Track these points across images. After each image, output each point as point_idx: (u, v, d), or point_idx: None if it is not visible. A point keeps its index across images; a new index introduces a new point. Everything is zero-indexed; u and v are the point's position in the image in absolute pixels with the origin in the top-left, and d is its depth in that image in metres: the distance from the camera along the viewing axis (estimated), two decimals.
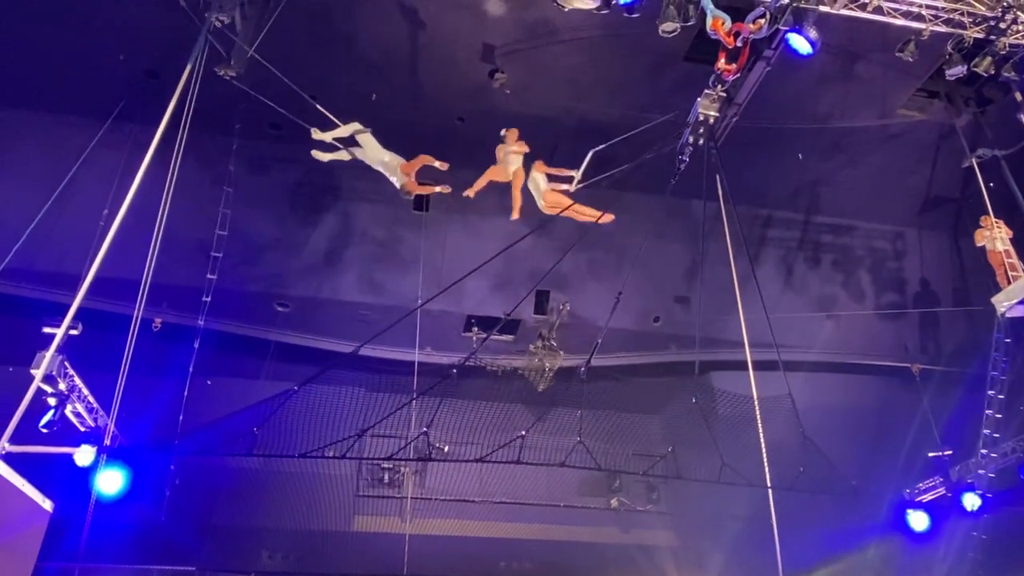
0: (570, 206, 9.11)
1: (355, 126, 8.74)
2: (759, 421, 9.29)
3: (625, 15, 8.45)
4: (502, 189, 12.80)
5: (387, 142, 12.07)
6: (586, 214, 9.26)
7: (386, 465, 13.61)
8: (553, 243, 11.54)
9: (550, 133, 11.96)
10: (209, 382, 11.49)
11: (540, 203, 9.36)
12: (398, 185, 8.97)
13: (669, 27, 8.42)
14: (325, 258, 12.40)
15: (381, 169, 8.98)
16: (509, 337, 13.43)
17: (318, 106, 8.46)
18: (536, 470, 11.91)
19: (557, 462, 9.56)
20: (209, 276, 10.29)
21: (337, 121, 8.60)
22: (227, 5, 8.26)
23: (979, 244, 10.64)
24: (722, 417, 10.24)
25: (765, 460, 9.11)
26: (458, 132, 11.87)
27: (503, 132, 9.38)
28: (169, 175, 8.20)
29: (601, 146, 8.64)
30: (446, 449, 12.86)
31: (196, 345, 10.30)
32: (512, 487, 13.54)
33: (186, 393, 10.03)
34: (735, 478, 9.15)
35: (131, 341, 8.15)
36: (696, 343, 9.75)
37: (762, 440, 9.08)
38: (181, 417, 9.74)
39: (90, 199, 9.79)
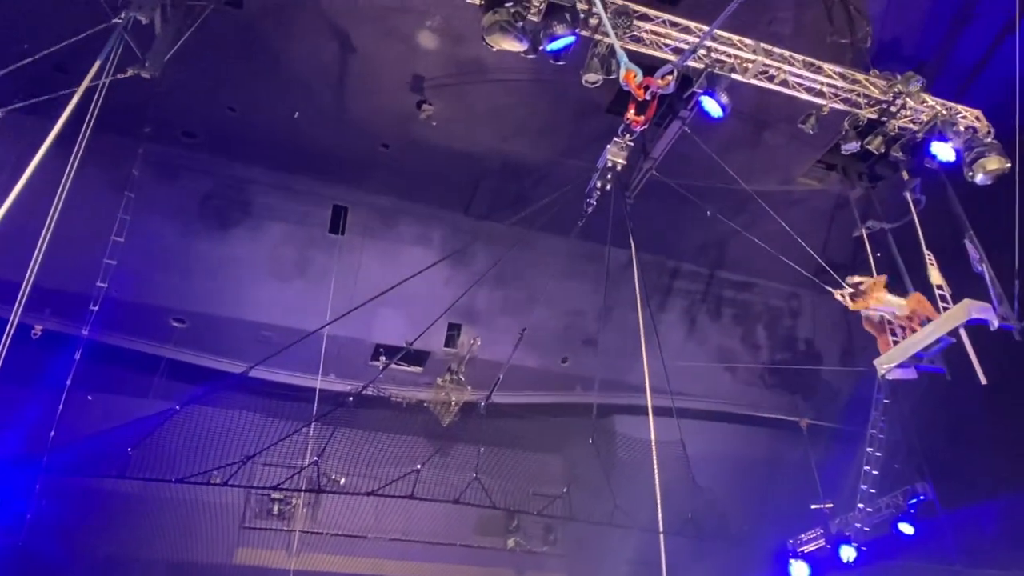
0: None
1: None
2: (655, 466, 9.47)
3: (552, 62, 8.68)
4: (424, 217, 12.80)
5: (309, 162, 11.95)
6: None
7: (276, 496, 13.01)
8: (471, 278, 11.57)
9: (473, 170, 12.10)
10: (90, 397, 10.78)
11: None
12: None
13: (592, 78, 8.72)
14: (230, 275, 11.92)
15: None
16: (417, 369, 13.26)
17: None
18: (434, 507, 11.68)
19: (451, 498, 9.40)
20: (99, 284, 9.69)
21: None
22: (147, 4, 7.94)
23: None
24: (620, 460, 10.40)
25: (659, 504, 9.27)
26: (381, 158, 11.82)
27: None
28: (66, 174, 7.72)
29: None
30: (342, 481, 12.46)
31: (77, 356, 9.62)
32: (409, 524, 13.21)
33: (61, 407, 9.31)
34: (626, 521, 9.27)
35: (3, 347, 7.52)
36: (596, 385, 9.89)
37: (657, 485, 9.24)
38: (53, 433, 9.03)
39: None
